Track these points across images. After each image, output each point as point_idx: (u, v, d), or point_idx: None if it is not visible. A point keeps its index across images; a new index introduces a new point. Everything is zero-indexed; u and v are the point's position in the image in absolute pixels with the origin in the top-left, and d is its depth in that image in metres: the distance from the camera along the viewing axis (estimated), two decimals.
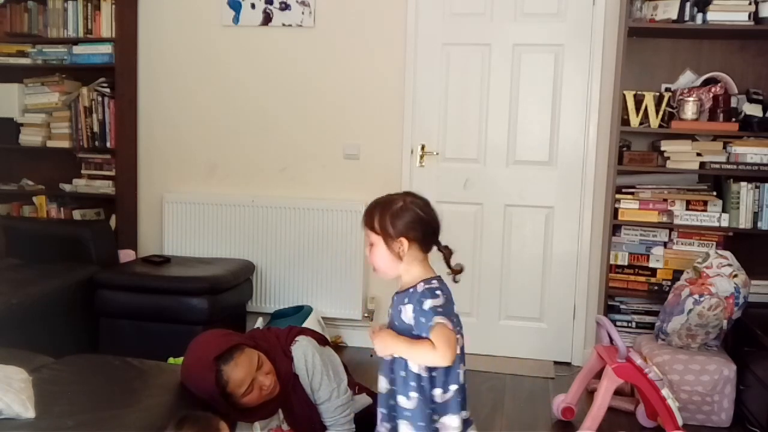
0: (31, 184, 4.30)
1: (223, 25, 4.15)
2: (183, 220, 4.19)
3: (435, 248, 1.98)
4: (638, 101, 3.50)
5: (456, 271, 1.99)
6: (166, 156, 4.31)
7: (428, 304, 1.87)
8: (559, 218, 3.92)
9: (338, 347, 4.05)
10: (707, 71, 3.56)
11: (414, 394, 1.90)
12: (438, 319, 1.84)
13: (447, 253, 1.97)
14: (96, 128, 4.13)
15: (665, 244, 3.62)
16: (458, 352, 1.89)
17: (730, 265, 3.20)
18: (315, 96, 4.10)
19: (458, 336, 1.90)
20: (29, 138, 4.20)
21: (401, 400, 1.93)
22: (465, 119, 3.97)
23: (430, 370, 1.90)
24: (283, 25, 4.08)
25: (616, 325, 3.40)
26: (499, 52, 3.89)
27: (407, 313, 1.91)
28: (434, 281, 1.93)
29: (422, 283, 1.92)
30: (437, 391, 1.91)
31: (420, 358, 1.88)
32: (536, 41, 3.85)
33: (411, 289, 1.93)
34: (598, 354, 3.05)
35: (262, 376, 2.27)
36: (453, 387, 1.92)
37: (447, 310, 1.88)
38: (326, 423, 2.55)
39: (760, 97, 3.48)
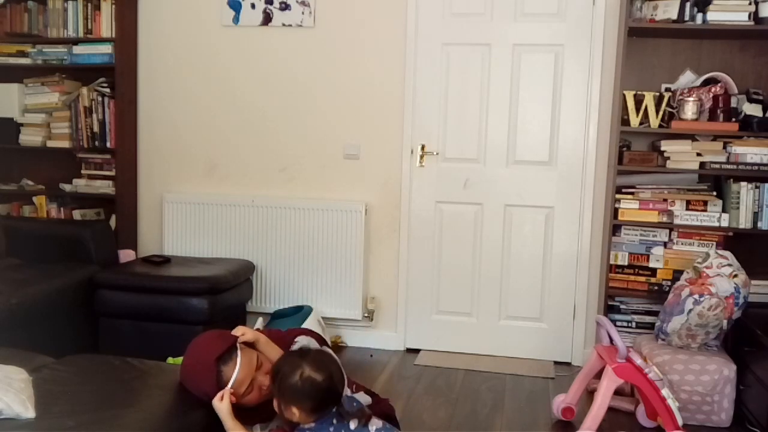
0: (31, 184, 4.30)
1: (223, 25, 4.16)
2: (183, 220, 4.19)
3: None
4: (638, 101, 3.50)
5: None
6: (166, 156, 4.32)
7: None
8: (559, 218, 3.92)
9: (338, 347, 4.05)
10: (707, 71, 3.56)
11: None
12: None
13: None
14: (96, 128, 4.13)
15: (665, 244, 3.62)
16: None
17: (730, 265, 3.20)
18: (315, 96, 4.11)
19: None
20: (29, 138, 4.20)
21: None
22: (465, 119, 3.97)
23: None
24: (283, 25, 4.08)
25: (616, 325, 3.41)
26: (499, 52, 3.89)
27: None
28: None
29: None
30: None
31: None
32: (536, 41, 3.85)
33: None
34: (598, 354, 3.05)
35: (262, 376, 2.27)
36: None
37: None
38: None
39: (760, 97, 3.49)
